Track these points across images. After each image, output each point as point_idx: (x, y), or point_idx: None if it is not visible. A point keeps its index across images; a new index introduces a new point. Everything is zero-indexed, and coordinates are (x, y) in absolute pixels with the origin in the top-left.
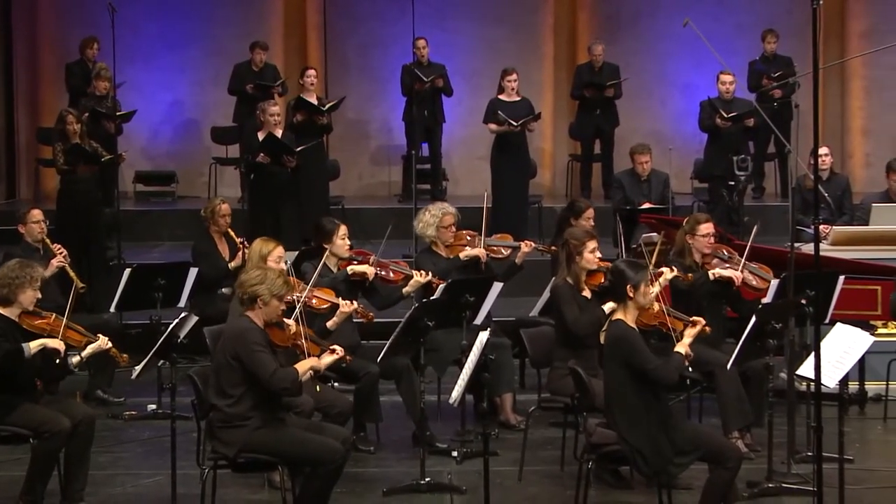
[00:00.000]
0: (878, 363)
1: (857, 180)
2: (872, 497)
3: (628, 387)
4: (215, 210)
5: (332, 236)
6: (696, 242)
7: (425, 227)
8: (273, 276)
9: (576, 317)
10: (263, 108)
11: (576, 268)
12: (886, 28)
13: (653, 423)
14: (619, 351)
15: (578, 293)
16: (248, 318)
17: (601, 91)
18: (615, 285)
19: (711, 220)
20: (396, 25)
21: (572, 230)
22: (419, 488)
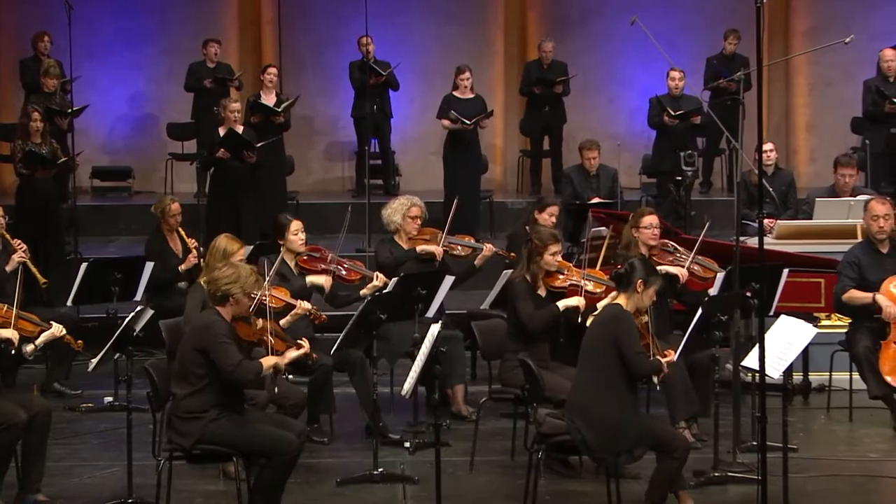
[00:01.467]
0: (822, 354)
1: (801, 176)
2: (816, 485)
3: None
4: (165, 210)
5: (285, 232)
6: (640, 235)
7: (393, 212)
8: (245, 273)
9: (531, 313)
10: (224, 105)
11: (535, 267)
12: (829, 26)
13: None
14: (611, 328)
15: (534, 291)
16: (216, 312)
17: (550, 88)
18: (628, 274)
19: (655, 212)
20: (350, 23)
21: (540, 230)
22: (372, 479)
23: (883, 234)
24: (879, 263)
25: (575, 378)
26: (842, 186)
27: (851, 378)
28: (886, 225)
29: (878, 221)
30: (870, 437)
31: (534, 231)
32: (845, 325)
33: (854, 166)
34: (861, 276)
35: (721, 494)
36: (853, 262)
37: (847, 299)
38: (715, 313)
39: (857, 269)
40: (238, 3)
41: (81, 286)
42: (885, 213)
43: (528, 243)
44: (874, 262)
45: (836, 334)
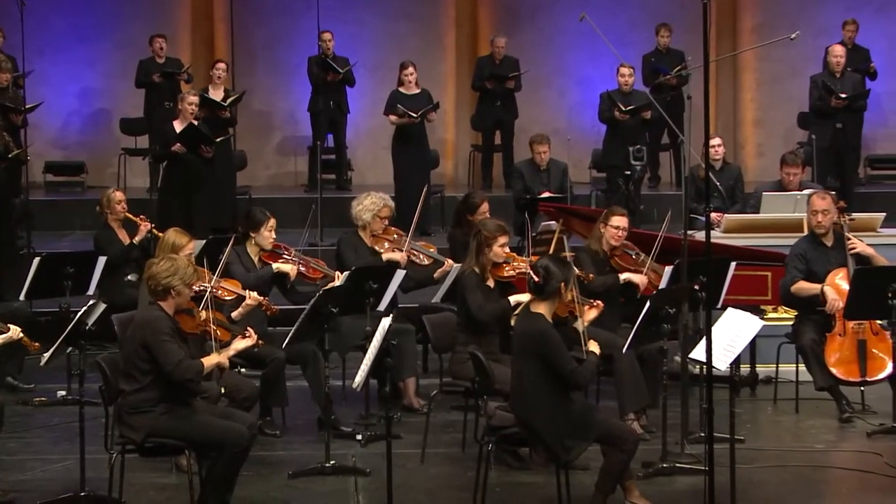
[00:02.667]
0: (769, 347)
1: (749, 170)
2: (762, 475)
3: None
4: (110, 198)
5: (260, 227)
6: (606, 231)
7: (363, 210)
8: (183, 265)
9: (480, 305)
10: (182, 98)
11: (483, 259)
12: (776, 23)
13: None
14: (538, 347)
15: (483, 282)
16: (159, 307)
17: (502, 83)
18: (546, 282)
19: (627, 215)
20: (302, 19)
21: (486, 222)
22: (324, 471)
23: (822, 229)
24: (824, 256)
25: (512, 377)
26: (787, 184)
27: (798, 370)
28: (825, 219)
29: (818, 216)
30: (815, 428)
31: (481, 223)
32: (792, 317)
33: (799, 165)
34: (808, 269)
35: (669, 485)
36: (800, 255)
37: (795, 290)
38: (663, 306)
39: (804, 261)
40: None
41: (34, 281)
42: (825, 208)
43: (476, 235)
44: (819, 255)
45: (782, 327)
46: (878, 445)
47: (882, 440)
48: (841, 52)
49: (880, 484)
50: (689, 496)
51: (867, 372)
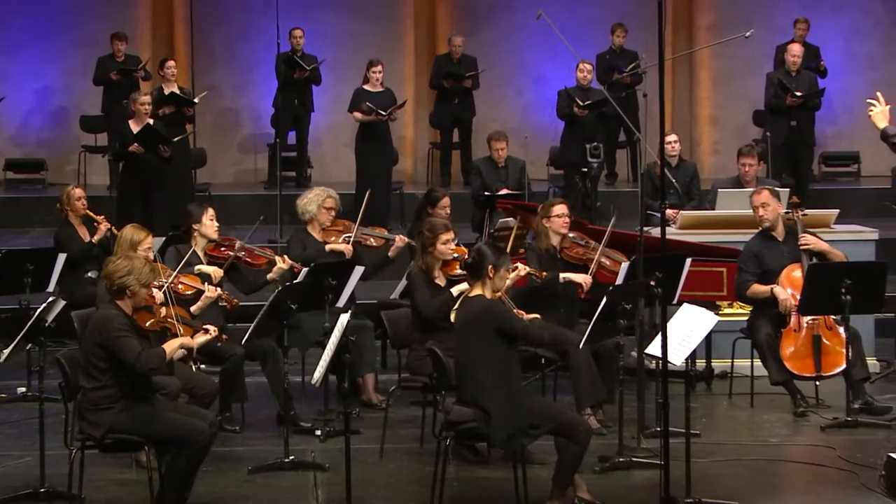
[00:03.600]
0: (724, 342)
1: (704, 167)
2: (718, 469)
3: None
4: (69, 195)
5: (200, 217)
6: (552, 224)
7: (308, 202)
8: (139, 265)
9: (425, 300)
10: (134, 98)
11: (429, 257)
12: (732, 21)
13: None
14: (485, 321)
15: (431, 280)
16: (116, 306)
17: (459, 82)
18: (476, 263)
19: (565, 201)
20: (262, 17)
21: (431, 221)
22: (283, 466)
23: (767, 222)
24: (777, 251)
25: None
26: (744, 175)
27: (753, 365)
28: (767, 212)
29: (759, 211)
30: (770, 423)
31: (425, 222)
32: (747, 312)
33: (755, 156)
34: (762, 266)
35: (626, 479)
36: (753, 255)
37: (750, 295)
38: (619, 302)
39: (757, 260)
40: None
41: None
42: (763, 201)
43: (419, 234)
44: (772, 251)
45: (737, 322)
46: (831, 439)
47: (835, 434)
48: (798, 51)
49: (834, 477)
50: (646, 490)
51: (822, 367)
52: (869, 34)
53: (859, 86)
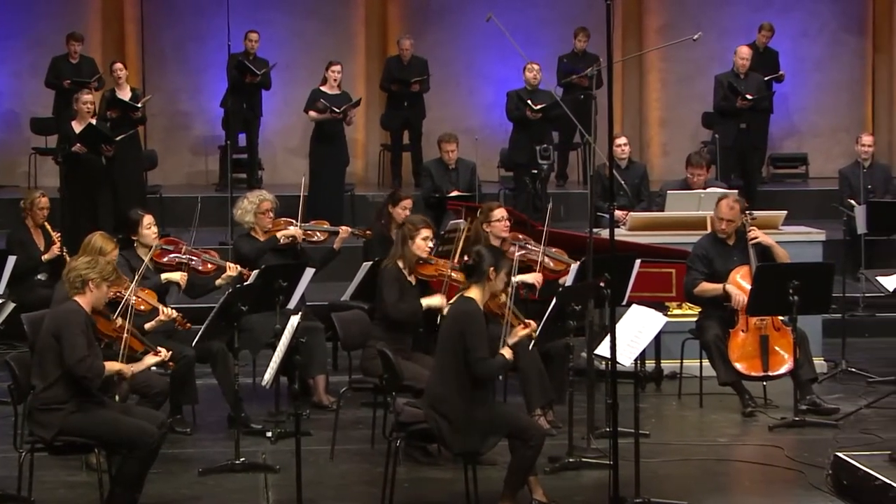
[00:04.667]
0: (673, 342)
1: (654, 168)
2: (667, 469)
3: (458, 364)
4: (34, 202)
5: (138, 227)
6: (493, 229)
7: (244, 213)
8: (103, 262)
9: (395, 301)
10: (77, 98)
11: (407, 251)
12: (681, 23)
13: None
14: (460, 325)
15: (403, 278)
16: (76, 303)
17: (407, 87)
18: (477, 264)
19: (502, 205)
20: (213, 19)
21: (411, 216)
22: (234, 468)
23: (725, 234)
24: (727, 254)
25: (432, 368)
26: (693, 184)
27: (702, 365)
28: (730, 227)
29: (723, 223)
30: (719, 423)
31: (407, 218)
32: (696, 313)
33: (704, 166)
34: (710, 268)
35: (575, 479)
36: (702, 256)
37: (699, 292)
38: (569, 303)
39: (706, 261)
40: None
41: None
42: (732, 217)
43: (401, 227)
44: (721, 254)
45: (686, 323)
46: (779, 439)
47: (783, 434)
48: (747, 53)
49: (781, 476)
50: (595, 490)
51: (769, 367)
52: (816, 37)
53: (807, 88)
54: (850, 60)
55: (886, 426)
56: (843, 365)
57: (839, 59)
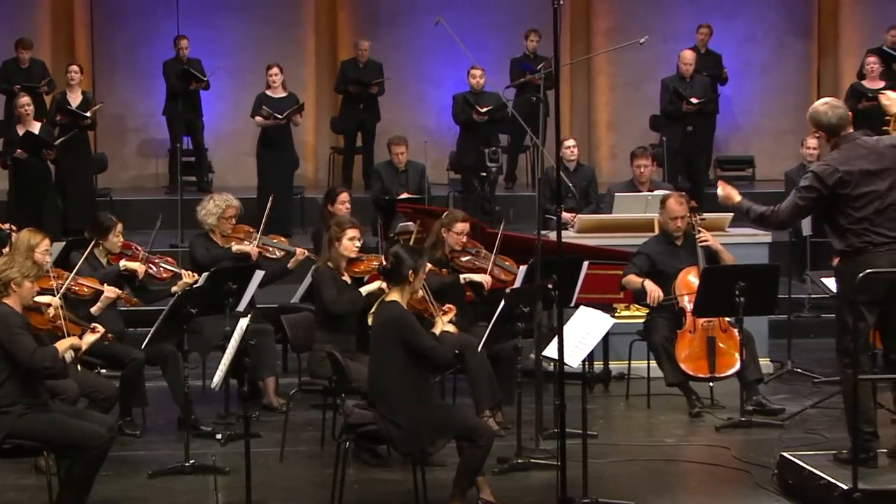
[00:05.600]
0: (621, 344)
1: (602, 171)
2: (614, 470)
3: (397, 367)
4: None
5: (108, 233)
6: (449, 237)
7: (207, 214)
8: (21, 259)
9: (333, 297)
10: (15, 103)
11: (335, 253)
12: (629, 27)
13: (416, 403)
14: (396, 331)
15: (338, 277)
16: (6, 305)
17: (366, 87)
18: (396, 268)
19: (469, 219)
20: (162, 22)
21: (338, 217)
22: (184, 470)
23: (679, 232)
24: (675, 254)
25: (369, 371)
26: (638, 177)
27: (649, 366)
28: (682, 223)
29: (676, 221)
30: (666, 423)
31: (333, 219)
32: (643, 315)
33: (649, 156)
34: (656, 268)
35: (524, 480)
36: (646, 254)
37: (624, 283)
38: (517, 305)
39: (648, 259)
40: (50, 2)
41: None
42: (683, 214)
43: (327, 230)
44: (669, 254)
45: (634, 324)
46: (726, 439)
47: (730, 434)
48: (690, 57)
49: (728, 476)
50: (543, 490)
51: (716, 369)
52: (762, 40)
53: (753, 91)
54: (795, 64)
55: (831, 426)
56: (788, 365)
57: (785, 63)
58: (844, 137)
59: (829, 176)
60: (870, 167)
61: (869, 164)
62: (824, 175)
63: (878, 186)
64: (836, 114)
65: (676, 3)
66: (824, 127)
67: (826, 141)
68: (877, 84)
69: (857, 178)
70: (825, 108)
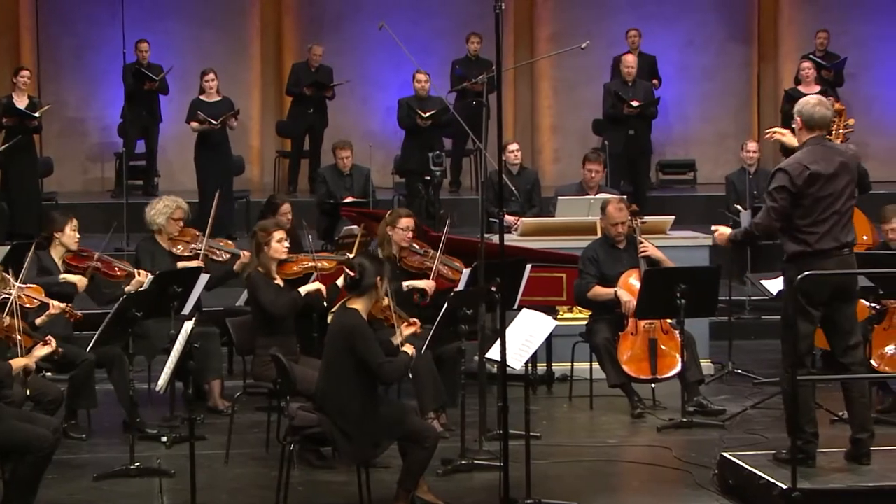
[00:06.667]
0: (564, 346)
1: (546, 174)
2: (557, 470)
3: (346, 373)
4: None
5: (63, 227)
6: (395, 235)
7: (157, 214)
8: None
9: (272, 300)
10: None
11: (264, 257)
12: (571, 32)
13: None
14: (350, 340)
15: (271, 281)
16: None
17: (322, 91)
18: (363, 278)
19: (413, 215)
20: (108, 28)
21: (262, 221)
22: (129, 473)
23: (620, 237)
24: (616, 258)
25: (320, 374)
26: (588, 181)
27: (592, 368)
28: (623, 228)
29: (617, 227)
30: (609, 424)
31: (257, 224)
32: (586, 317)
33: (601, 162)
34: (600, 271)
35: (467, 481)
36: (592, 259)
37: (592, 296)
38: (461, 307)
39: (596, 264)
40: None
41: None
42: (623, 219)
43: (253, 236)
44: (611, 258)
45: (577, 326)
46: (667, 440)
47: (671, 434)
48: (632, 61)
49: (669, 476)
50: (487, 491)
51: (657, 370)
52: (703, 46)
53: (693, 96)
54: (736, 69)
55: (771, 426)
56: (729, 367)
57: (726, 68)
58: (815, 138)
59: (799, 175)
60: (832, 170)
61: (832, 168)
62: (794, 173)
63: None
64: (821, 112)
65: (618, 8)
66: (805, 118)
67: (796, 133)
68: (812, 89)
69: (823, 179)
70: (815, 101)
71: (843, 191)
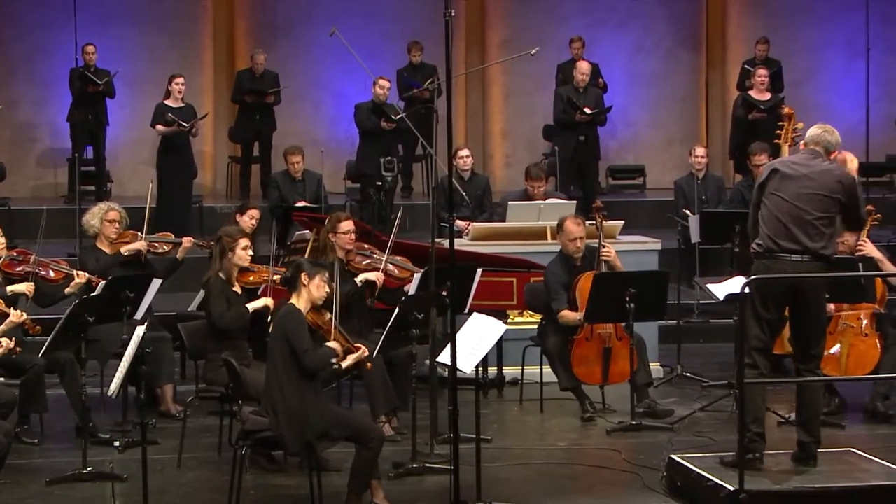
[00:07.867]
0: (515, 349)
1: (497, 180)
2: (507, 473)
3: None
4: None
5: None
6: (338, 240)
7: (91, 217)
8: None
9: (221, 311)
10: None
11: (227, 263)
12: (522, 38)
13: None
14: (282, 326)
15: (229, 288)
16: None
17: (262, 97)
18: (293, 275)
19: (351, 217)
20: (61, 32)
21: (227, 227)
22: (81, 477)
23: (579, 253)
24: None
25: (266, 372)
26: (532, 195)
27: (542, 371)
28: (581, 244)
29: (575, 242)
30: (559, 427)
31: (222, 230)
32: (537, 321)
33: (543, 178)
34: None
35: (419, 484)
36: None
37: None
38: (412, 311)
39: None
40: None
41: None
42: (581, 234)
43: (217, 241)
44: (571, 275)
45: (527, 330)
46: (617, 443)
47: (621, 437)
48: (586, 68)
49: (619, 479)
50: (438, 494)
51: (609, 378)
52: (651, 52)
53: (641, 101)
54: (684, 75)
55: (719, 429)
56: (678, 370)
57: (674, 74)
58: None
59: (766, 169)
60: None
61: (803, 171)
62: (764, 170)
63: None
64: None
65: (568, 15)
66: (833, 146)
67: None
68: (764, 96)
69: (781, 176)
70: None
71: (810, 197)
